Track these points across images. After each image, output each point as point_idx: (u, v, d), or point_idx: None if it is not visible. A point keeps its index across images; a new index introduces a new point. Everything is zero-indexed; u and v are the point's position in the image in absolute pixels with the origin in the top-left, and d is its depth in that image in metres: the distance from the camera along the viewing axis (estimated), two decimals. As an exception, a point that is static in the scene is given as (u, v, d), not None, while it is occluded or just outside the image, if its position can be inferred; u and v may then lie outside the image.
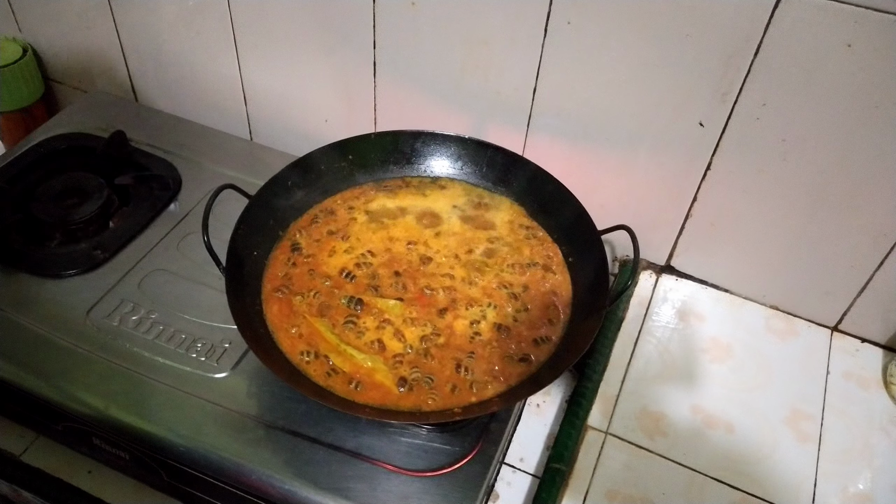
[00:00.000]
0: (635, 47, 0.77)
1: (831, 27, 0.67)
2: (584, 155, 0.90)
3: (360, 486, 0.69)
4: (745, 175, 0.82)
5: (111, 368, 0.76)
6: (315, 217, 0.84)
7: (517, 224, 0.85)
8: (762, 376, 0.84)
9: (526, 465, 0.78)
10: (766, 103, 0.75)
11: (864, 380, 0.85)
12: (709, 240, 0.91)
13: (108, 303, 0.83)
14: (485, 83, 0.89)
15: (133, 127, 1.05)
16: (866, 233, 0.80)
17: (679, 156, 0.84)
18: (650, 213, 0.91)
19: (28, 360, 0.77)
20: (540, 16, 0.79)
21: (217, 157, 1.03)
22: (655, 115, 0.82)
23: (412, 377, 0.69)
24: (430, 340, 0.72)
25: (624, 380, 0.83)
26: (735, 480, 0.74)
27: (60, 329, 0.80)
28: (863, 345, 0.89)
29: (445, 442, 0.72)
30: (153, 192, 0.97)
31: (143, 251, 0.89)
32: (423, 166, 0.91)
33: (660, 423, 0.79)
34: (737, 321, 0.91)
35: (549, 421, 0.82)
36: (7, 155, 1.02)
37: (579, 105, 0.85)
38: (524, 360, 0.71)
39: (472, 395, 0.68)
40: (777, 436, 0.79)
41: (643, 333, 0.88)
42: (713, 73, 0.75)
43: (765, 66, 0.73)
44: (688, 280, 0.96)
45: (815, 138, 0.76)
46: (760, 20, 0.70)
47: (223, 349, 0.78)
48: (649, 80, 0.79)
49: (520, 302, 0.76)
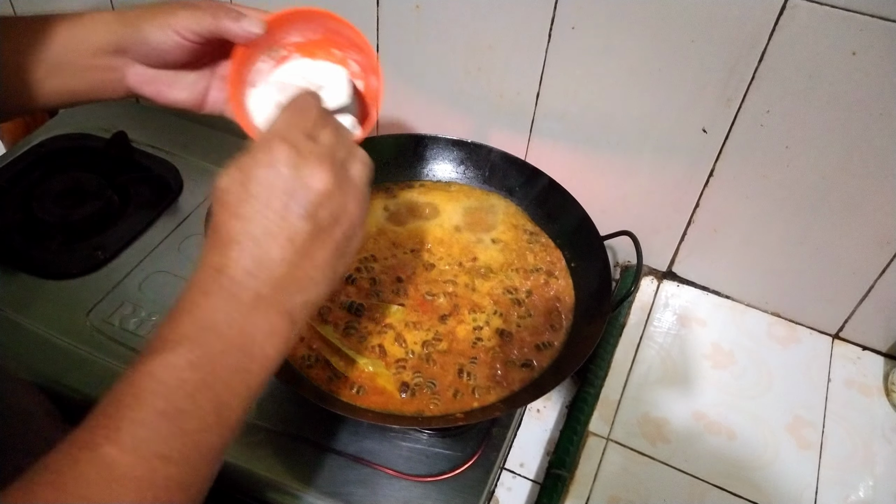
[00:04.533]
0: (639, 53, 0.77)
1: (836, 35, 0.67)
2: (586, 160, 0.90)
3: (360, 491, 0.68)
4: (749, 181, 0.82)
5: (111, 370, 0.76)
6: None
7: (521, 229, 0.85)
8: (764, 383, 0.84)
9: (526, 470, 0.78)
10: (770, 110, 0.75)
11: (866, 387, 0.85)
12: (711, 246, 0.90)
13: (108, 304, 0.82)
14: (488, 87, 0.89)
15: (135, 127, 1.04)
16: (869, 240, 0.80)
17: (682, 161, 0.84)
18: (652, 219, 0.91)
19: (28, 361, 0.77)
20: (544, 21, 0.79)
21: (219, 159, 1.02)
22: (659, 120, 0.82)
23: (414, 382, 0.69)
24: (431, 346, 0.72)
25: (625, 385, 0.83)
26: (736, 487, 0.74)
27: (60, 330, 0.79)
28: (864, 352, 0.89)
29: (446, 447, 0.72)
30: (154, 193, 0.96)
31: (144, 252, 0.89)
32: (425, 170, 0.91)
33: (661, 429, 0.79)
34: (738, 328, 0.91)
35: (549, 426, 0.82)
36: (8, 154, 1.01)
37: (582, 110, 0.85)
38: (526, 366, 0.71)
39: (474, 401, 0.68)
40: (778, 443, 0.79)
41: (645, 339, 0.88)
42: (717, 80, 0.75)
43: (769, 72, 0.73)
44: (689, 286, 0.95)
45: (819, 145, 0.76)
46: (765, 27, 0.70)
47: (224, 352, 0.78)
48: (653, 86, 0.79)
49: (523, 308, 0.76)
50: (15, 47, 0.57)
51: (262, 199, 0.45)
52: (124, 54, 0.58)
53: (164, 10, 0.56)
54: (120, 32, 0.57)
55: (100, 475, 0.36)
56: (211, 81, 0.62)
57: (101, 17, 0.58)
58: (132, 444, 0.37)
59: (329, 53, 0.61)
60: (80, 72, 0.58)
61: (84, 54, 0.58)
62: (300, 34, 0.60)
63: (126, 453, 0.36)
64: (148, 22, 0.56)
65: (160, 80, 0.60)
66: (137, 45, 0.57)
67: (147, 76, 0.60)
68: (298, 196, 0.45)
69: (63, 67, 0.58)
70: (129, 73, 0.59)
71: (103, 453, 0.36)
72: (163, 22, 0.56)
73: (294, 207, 0.45)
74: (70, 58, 0.58)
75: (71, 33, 0.57)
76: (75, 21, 0.58)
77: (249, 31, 0.55)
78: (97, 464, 0.36)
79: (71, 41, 0.57)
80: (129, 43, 0.57)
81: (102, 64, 0.58)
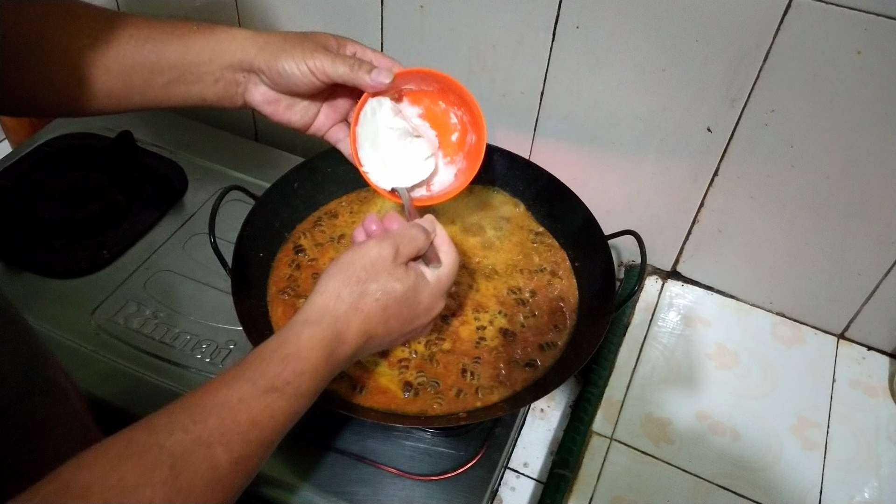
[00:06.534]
0: (644, 52, 0.77)
1: (842, 33, 0.67)
2: (590, 159, 0.90)
3: (363, 490, 0.69)
4: (753, 181, 0.82)
5: (115, 368, 0.76)
6: (318, 220, 0.84)
7: (526, 229, 0.84)
8: (768, 383, 0.84)
9: (529, 469, 0.78)
10: (774, 109, 0.75)
11: (871, 388, 0.85)
12: (715, 246, 0.90)
13: (112, 303, 0.83)
14: (492, 86, 0.89)
15: (139, 127, 1.05)
16: (874, 240, 0.80)
17: (686, 161, 0.84)
18: (657, 219, 0.91)
19: (32, 360, 0.77)
20: (548, 19, 0.79)
21: (223, 159, 1.03)
22: (663, 120, 0.81)
23: (417, 381, 0.69)
24: (434, 345, 0.72)
25: (629, 385, 0.83)
26: (740, 488, 0.74)
27: (65, 329, 0.80)
28: (869, 352, 0.89)
29: (449, 446, 0.72)
30: (159, 192, 0.97)
31: (148, 251, 0.89)
32: (429, 169, 0.90)
33: (665, 429, 0.79)
34: (743, 328, 0.90)
35: (552, 426, 0.82)
36: (13, 154, 1.02)
37: (587, 109, 0.85)
38: (530, 366, 0.71)
39: (477, 400, 0.68)
40: (783, 443, 0.78)
41: (648, 339, 0.88)
42: (722, 79, 0.75)
43: (774, 71, 0.72)
44: (694, 286, 0.95)
45: (824, 145, 0.75)
46: (770, 26, 0.70)
47: (228, 350, 0.78)
48: (657, 85, 0.79)
49: (528, 308, 0.76)
50: (144, 51, 0.61)
51: None
52: (254, 74, 0.63)
53: (305, 47, 0.61)
54: (254, 55, 0.62)
55: (209, 398, 0.46)
56: (321, 109, 0.68)
57: (236, 34, 0.63)
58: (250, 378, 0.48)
59: (436, 104, 0.69)
60: (210, 83, 0.63)
61: (217, 67, 0.62)
62: (415, 85, 0.68)
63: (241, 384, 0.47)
64: (287, 54, 0.61)
65: (280, 102, 0.65)
66: (271, 72, 0.62)
67: (269, 97, 0.64)
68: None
69: (194, 76, 0.62)
70: (253, 91, 0.64)
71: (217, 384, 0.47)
72: (300, 59, 0.60)
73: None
74: (203, 69, 0.62)
75: (205, 47, 0.62)
76: (209, 35, 0.62)
77: (380, 83, 0.62)
78: (210, 390, 0.46)
79: (204, 54, 0.62)
80: (262, 67, 0.62)
81: (230, 77, 0.63)
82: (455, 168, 0.70)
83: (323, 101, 0.68)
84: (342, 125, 0.70)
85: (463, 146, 0.70)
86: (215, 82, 0.63)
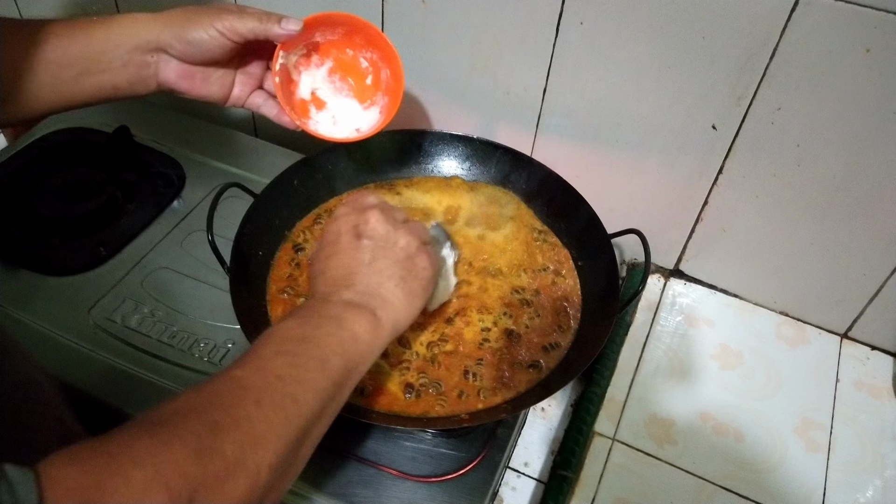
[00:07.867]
0: (649, 49, 0.76)
1: (850, 31, 0.66)
2: (593, 157, 0.89)
3: (364, 492, 0.68)
4: (758, 180, 0.81)
5: (112, 367, 0.75)
6: (318, 217, 0.83)
7: (529, 227, 0.83)
8: (772, 384, 0.83)
9: (531, 469, 0.77)
10: (781, 107, 0.74)
11: (875, 388, 0.84)
12: (719, 244, 0.90)
13: (110, 301, 0.82)
14: (494, 83, 0.88)
15: (137, 122, 1.03)
16: (879, 240, 0.79)
17: (691, 159, 0.83)
18: (660, 217, 0.90)
19: (29, 359, 0.76)
20: (552, 15, 0.78)
21: (222, 155, 1.02)
22: (668, 117, 0.80)
23: (419, 383, 0.68)
24: (437, 347, 0.71)
25: (631, 385, 0.82)
26: (744, 489, 0.74)
27: (62, 327, 0.79)
28: (873, 352, 0.88)
29: (451, 447, 0.71)
30: (157, 188, 0.96)
31: (146, 249, 0.88)
32: (430, 166, 0.90)
33: (668, 429, 0.78)
34: (747, 327, 0.90)
35: (554, 425, 0.82)
36: (9, 149, 1.01)
37: (590, 106, 0.84)
38: (534, 367, 0.70)
39: (479, 402, 0.67)
40: (787, 444, 0.78)
41: (651, 338, 0.87)
42: (728, 76, 0.74)
43: (781, 69, 0.71)
44: (697, 285, 0.95)
45: (830, 144, 0.74)
46: (777, 23, 0.69)
47: (226, 349, 0.78)
48: (662, 82, 0.78)
49: (532, 308, 0.75)
50: (46, 48, 0.61)
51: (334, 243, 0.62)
52: (161, 52, 0.64)
53: (210, 12, 0.63)
54: (159, 32, 0.63)
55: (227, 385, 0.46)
56: (235, 77, 0.70)
57: (136, 18, 0.64)
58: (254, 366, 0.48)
59: (343, 53, 0.73)
60: (119, 69, 0.64)
61: (122, 52, 0.63)
62: (322, 35, 0.71)
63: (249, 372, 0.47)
64: (194, 23, 0.63)
65: (195, 76, 0.67)
66: (181, 44, 0.63)
67: (182, 72, 0.66)
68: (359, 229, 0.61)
69: (102, 64, 0.63)
70: (165, 69, 0.65)
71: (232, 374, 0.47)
72: (208, 24, 0.62)
73: (353, 235, 0.61)
74: (110, 56, 0.63)
75: (108, 34, 0.63)
76: (110, 22, 0.63)
77: (291, 31, 0.64)
78: (226, 378, 0.46)
79: (108, 41, 0.63)
80: (172, 42, 0.63)
81: (139, 60, 0.64)
82: (377, 107, 0.75)
83: (236, 70, 0.69)
84: (260, 91, 0.72)
85: (379, 85, 0.74)
86: (124, 67, 0.63)
